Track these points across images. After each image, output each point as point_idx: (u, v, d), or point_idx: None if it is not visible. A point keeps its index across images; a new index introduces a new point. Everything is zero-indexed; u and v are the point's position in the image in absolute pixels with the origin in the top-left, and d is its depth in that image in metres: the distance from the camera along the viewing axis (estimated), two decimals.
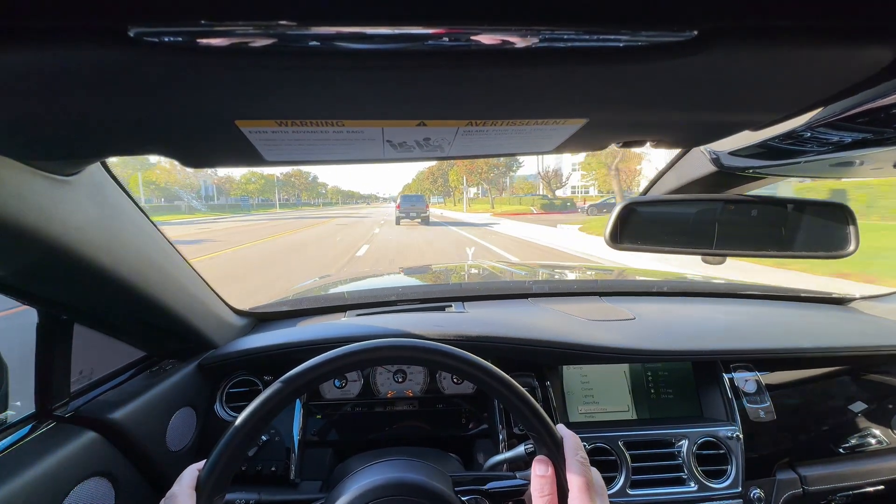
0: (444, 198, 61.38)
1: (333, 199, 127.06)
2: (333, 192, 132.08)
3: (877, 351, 0.99)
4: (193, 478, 0.44)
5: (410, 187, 79.30)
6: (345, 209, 57.40)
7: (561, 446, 0.50)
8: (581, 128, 0.39)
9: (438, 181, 58.93)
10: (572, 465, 0.48)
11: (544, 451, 0.50)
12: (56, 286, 0.59)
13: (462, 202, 44.27)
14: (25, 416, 0.64)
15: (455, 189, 52.41)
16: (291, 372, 0.49)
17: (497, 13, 0.22)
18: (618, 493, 0.84)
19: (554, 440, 0.50)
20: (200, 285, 0.86)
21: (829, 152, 0.51)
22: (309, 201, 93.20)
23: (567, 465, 0.48)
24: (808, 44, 0.25)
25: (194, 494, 0.43)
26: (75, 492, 0.58)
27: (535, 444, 0.52)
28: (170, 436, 0.77)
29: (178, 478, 0.45)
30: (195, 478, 0.44)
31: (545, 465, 0.49)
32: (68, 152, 0.42)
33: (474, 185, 45.93)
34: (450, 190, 56.10)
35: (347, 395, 0.96)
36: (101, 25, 0.21)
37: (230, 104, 0.30)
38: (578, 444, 0.50)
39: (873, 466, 0.94)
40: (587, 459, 0.49)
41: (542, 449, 0.51)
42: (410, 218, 18.82)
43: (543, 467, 0.49)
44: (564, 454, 0.49)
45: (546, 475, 0.48)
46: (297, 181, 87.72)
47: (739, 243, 0.77)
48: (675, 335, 0.99)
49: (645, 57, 0.26)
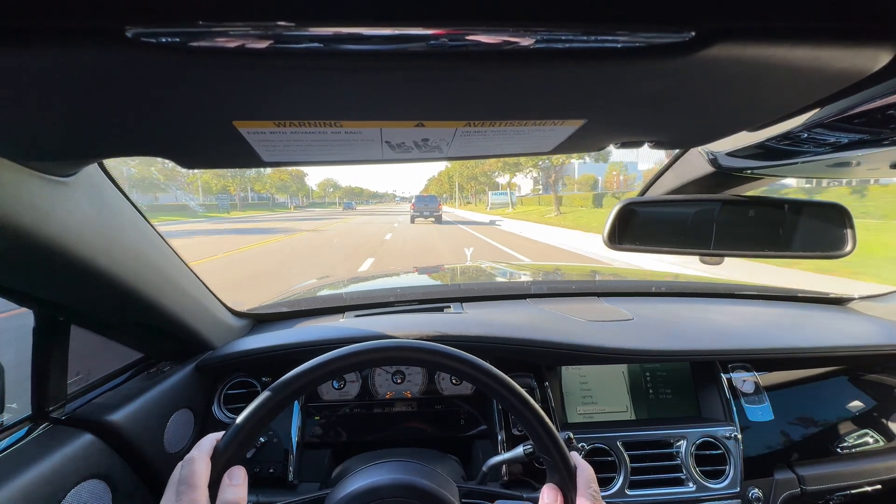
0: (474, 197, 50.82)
1: (322, 196, 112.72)
2: (324, 186, 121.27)
3: (874, 351, 0.99)
4: (211, 446, 0.45)
5: (433, 185, 73.31)
6: (330, 213, 40.83)
7: (574, 475, 0.49)
8: (579, 128, 0.39)
9: (472, 180, 45.70)
10: (584, 498, 0.47)
11: (555, 477, 0.50)
12: (53, 287, 0.58)
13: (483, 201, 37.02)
14: (22, 418, 0.64)
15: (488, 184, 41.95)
16: (323, 357, 0.49)
17: (495, 14, 0.22)
18: (616, 493, 0.84)
19: (567, 468, 0.49)
20: (198, 286, 0.85)
21: (827, 153, 0.51)
22: (285, 202, 76.97)
23: (578, 497, 0.47)
24: (806, 44, 0.26)
25: (209, 462, 0.43)
26: (72, 494, 0.57)
27: (547, 468, 0.51)
28: (167, 438, 0.77)
29: (198, 443, 0.45)
30: (213, 446, 0.45)
31: (554, 493, 0.48)
32: (65, 153, 0.42)
33: (521, 173, 31.07)
34: (486, 187, 43.59)
35: (346, 396, 0.95)
36: (98, 26, 0.21)
37: (228, 105, 0.30)
38: (592, 476, 0.49)
39: (871, 466, 0.94)
40: (599, 493, 0.49)
41: (554, 475, 0.50)
42: (424, 217, 21.58)
43: (553, 495, 0.48)
44: (576, 484, 0.48)
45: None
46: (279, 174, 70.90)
47: (737, 243, 0.77)
48: (674, 335, 0.99)
49: (643, 57, 0.26)
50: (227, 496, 0.42)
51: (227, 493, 0.42)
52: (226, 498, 0.42)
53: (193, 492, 0.40)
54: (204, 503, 0.40)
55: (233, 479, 0.43)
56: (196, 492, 0.40)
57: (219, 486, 0.43)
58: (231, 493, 0.42)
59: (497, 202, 36.80)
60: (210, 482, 0.42)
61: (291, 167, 0.48)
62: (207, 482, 0.42)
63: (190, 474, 0.41)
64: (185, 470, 0.42)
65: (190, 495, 0.40)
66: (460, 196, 56.11)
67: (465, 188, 51.82)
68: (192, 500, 0.40)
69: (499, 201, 36.84)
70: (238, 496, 0.42)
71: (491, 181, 41.91)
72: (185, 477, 0.41)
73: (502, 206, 35.04)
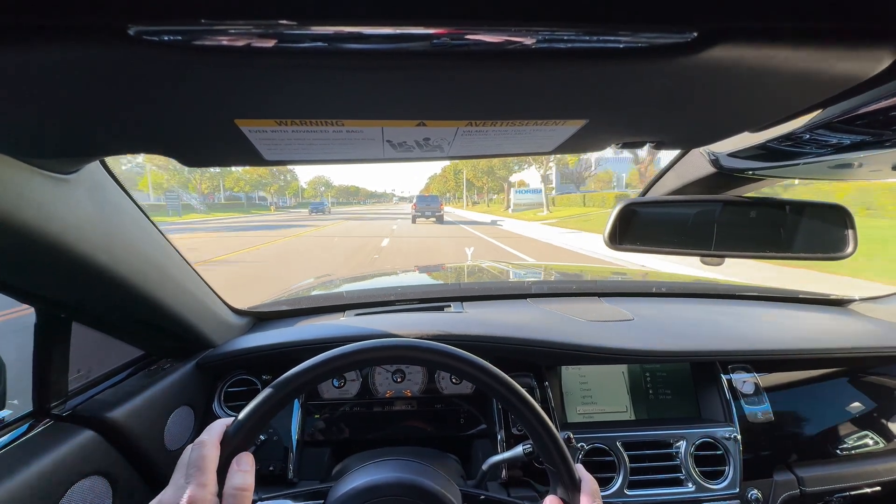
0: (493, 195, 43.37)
1: (314, 196, 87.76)
2: (314, 185, 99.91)
3: (875, 352, 0.99)
4: (221, 431, 0.45)
5: (435, 183, 64.69)
6: (294, 220, 25.53)
7: (578, 489, 0.49)
8: (581, 128, 0.39)
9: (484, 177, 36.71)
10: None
11: (559, 489, 0.50)
12: (55, 284, 0.58)
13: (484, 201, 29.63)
14: (23, 414, 0.64)
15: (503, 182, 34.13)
16: (336, 351, 0.49)
17: (497, 13, 0.22)
18: (615, 493, 0.85)
19: (573, 480, 0.49)
20: (199, 284, 0.85)
21: (829, 154, 0.51)
22: (267, 201, 60.53)
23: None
24: (808, 45, 0.26)
25: (219, 447, 0.43)
26: (73, 490, 0.57)
27: (551, 479, 0.51)
28: (168, 435, 0.77)
29: (208, 427, 0.45)
30: (223, 432, 0.45)
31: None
32: (67, 150, 0.42)
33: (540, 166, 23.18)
34: (504, 183, 35.04)
35: (346, 394, 0.96)
36: (101, 23, 0.21)
37: (230, 103, 0.30)
38: (597, 490, 0.49)
39: (871, 468, 0.94)
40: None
41: (557, 487, 0.50)
42: (426, 216, 20.88)
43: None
44: (580, 498, 0.48)
45: None
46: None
47: (738, 244, 0.77)
48: (674, 336, 0.99)
49: (645, 58, 0.26)
50: (235, 481, 0.42)
51: (235, 479, 0.42)
52: (234, 483, 0.42)
53: (203, 475, 0.40)
54: (213, 486, 0.41)
55: (241, 465, 0.44)
56: (205, 475, 0.40)
57: (227, 471, 0.43)
58: (239, 478, 0.42)
59: (524, 202, 28.44)
60: (219, 467, 0.42)
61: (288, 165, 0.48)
62: (217, 467, 0.42)
63: (200, 458, 0.41)
64: (194, 453, 0.42)
65: (199, 479, 0.40)
66: (468, 195, 49.39)
67: (478, 184, 41.49)
68: (201, 484, 0.40)
69: (526, 200, 28.38)
70: (246, 482, 0.43)
71: (510, 175, 33.91)
72: (194, 460, 0.41)
73: (531, 208, 26.45)
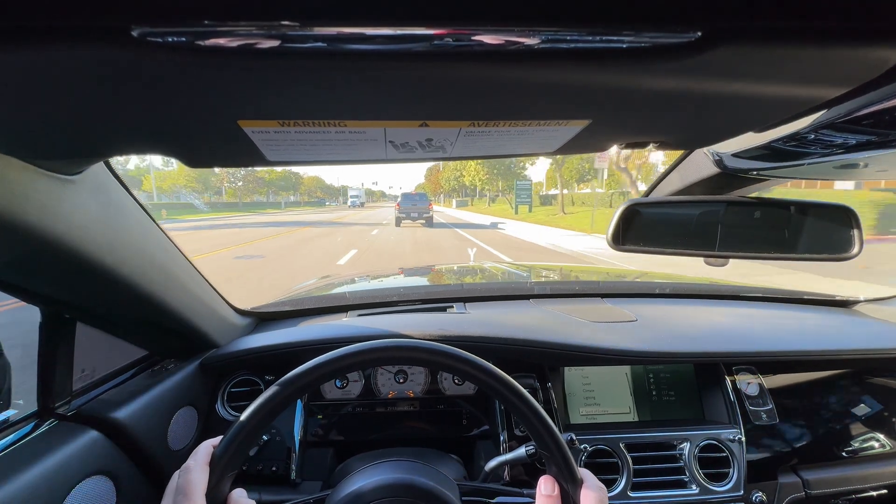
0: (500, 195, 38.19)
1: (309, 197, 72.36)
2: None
3: (881, 354, 0.98)
4: (208, 453, 0.45)
5: (444, 172, 53.83)
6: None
7: (579, 486, 0.48)
8: (584, 129, 0.38)
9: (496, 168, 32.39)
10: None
11: (553, 469, 0.50)
12: (59, 285, 0.59)
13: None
14: (28, 414, 0.64)
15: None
16: (322, 357, 0.49)
17: (500, 14, 0.22)
18: (619, 495, 0.84)
19: (574, 482, 0.49)
20: (203, 285, 0.86)
21: (834, 154, 0.51)
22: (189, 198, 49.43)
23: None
24: (813, 45, 0.25)
25: (207, 469, 0.44)
26: (77, 490, 0.58)
27: (546, 463, 0.51)
28: (171, 435, 0.77)
29: (194, 451, 0.46)
30: (210, 453, 0.45)
31: (551, 485, 0.49)
32: (72, 151, 0.42)
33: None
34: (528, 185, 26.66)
35: (348, 395, 0.96)
36: (105, 25, 0.21)
37: (233, 104, 0.30)
38: (605, 499, 0.48)
39: (876, 470, 0.93)
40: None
41: (552, 468, 0.50)
42: (412, 219, 17.41)
43: (550, 486, 0.49)
44: (580, 499, 0.48)
45: (553, 495, 0.48)
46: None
47: (742, 245, 0.77)
48: (677, 337, 0.99)
49: (648, 58, 0.26)
50: None
51: None
52: None
53: (188, 501, 0.41)
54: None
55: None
56: (191, 500, 0.41)
57: (217, 491, 0.43)
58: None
59: (524, 192, 21.62)
60: (208, 490, 0.43)
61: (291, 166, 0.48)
62: (204, 490, 0.43)
63: (186, 483, 0.42)
64: (181, 479, 0.43)
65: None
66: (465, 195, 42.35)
67: (492, 189, 36.63)
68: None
69: (527, 190, 21.38)
70: None
71: (520, 176, 29.67)
72: (181, 486, 0.42)
73: (530, 202, 20.77)
